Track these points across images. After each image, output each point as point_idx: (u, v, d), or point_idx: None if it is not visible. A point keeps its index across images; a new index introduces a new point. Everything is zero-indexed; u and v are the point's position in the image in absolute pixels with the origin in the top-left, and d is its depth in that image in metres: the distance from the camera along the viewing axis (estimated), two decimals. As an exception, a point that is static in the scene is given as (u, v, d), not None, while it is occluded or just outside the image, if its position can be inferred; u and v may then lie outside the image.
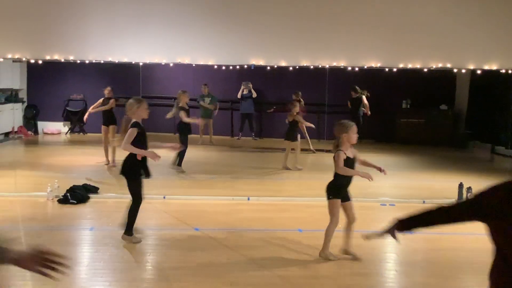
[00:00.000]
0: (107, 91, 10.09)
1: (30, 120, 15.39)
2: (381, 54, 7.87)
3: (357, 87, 12.81)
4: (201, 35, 7.81)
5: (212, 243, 5.89)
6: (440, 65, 7.89)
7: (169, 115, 9.48)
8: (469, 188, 7.88)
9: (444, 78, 13.37)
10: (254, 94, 14.31)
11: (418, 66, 7.91)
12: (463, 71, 8.54)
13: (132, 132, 5.48)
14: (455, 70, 8.57)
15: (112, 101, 10.12)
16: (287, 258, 5.47)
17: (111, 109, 10.12)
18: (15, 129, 14.58)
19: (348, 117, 10.13)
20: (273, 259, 5.42)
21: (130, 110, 5.64)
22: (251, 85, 14.28)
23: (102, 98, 10.11)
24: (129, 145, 5.47)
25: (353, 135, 5.23)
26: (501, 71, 7.90)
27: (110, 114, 10.16)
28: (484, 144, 14.09)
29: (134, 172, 5.62)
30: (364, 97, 12.85)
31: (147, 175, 5.69)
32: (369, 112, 12.90)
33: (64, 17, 7.74)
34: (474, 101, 14.60)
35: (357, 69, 8.04)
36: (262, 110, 14.63)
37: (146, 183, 8.07)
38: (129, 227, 5.73)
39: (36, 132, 15.50)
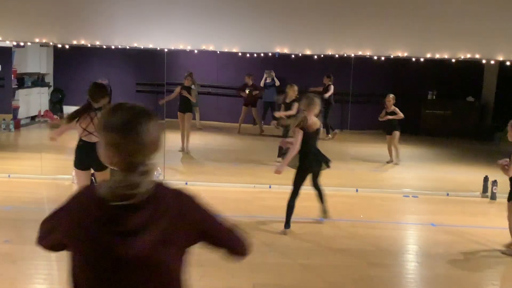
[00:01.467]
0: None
1: (56, 104, 15.60)
2: (408, 43, 7.70)
3: (331, 74, 12.56)
4: (227, 22, 7.76)
5: (233, 230, 5.92)
6: (468, 55, 7.70)
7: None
8: (494, 182, 7.73)
9: (471, 69, 13.07)
10: (277, 83, 14.24)
11: (446, 56, 7.73)
12: (492, 62, 8.33)
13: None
14: (483, 61, 8.37)
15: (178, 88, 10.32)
16: (307, 247, 5.47)
17: (187, 97, 10.24)
18: (42, 113, 14.81)
19: (373, 108, 10.05)
20: (294, 248, 5.43)
21: (305, 106, 5.83)
22: (273, 74, 14.21)
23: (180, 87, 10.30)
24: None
25: None
26: (531, 62, 7.69)
27: (186, 101, 10.27)
28: (511, 137, 13.80)
29: (302, 164, 5.81)
30: (332, 86, 12.50)
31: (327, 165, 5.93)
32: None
33: (90, 2, 7.78)
34: (501, 93, 14.30)
35: (383, 58, 7.92)
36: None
37: (167, 169, 8.12)
38: (286, 219, 5.86)
39: (62, 116, 15.71)
